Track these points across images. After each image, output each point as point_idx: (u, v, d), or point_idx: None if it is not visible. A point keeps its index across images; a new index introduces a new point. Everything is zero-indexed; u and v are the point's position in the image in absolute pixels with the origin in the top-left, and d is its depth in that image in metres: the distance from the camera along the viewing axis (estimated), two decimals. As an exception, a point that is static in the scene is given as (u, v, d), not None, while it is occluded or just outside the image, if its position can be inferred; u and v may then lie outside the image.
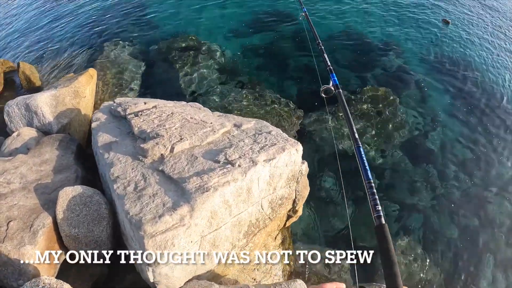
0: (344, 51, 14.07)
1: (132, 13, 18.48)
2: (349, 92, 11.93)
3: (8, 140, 8.09)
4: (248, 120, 6.36)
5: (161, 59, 13.79)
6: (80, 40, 16.91)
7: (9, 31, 22.92)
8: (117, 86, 12.27)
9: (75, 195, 5.26)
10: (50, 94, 8.93)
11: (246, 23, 15.82)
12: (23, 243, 4.88)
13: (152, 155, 5.19)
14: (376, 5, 17.79)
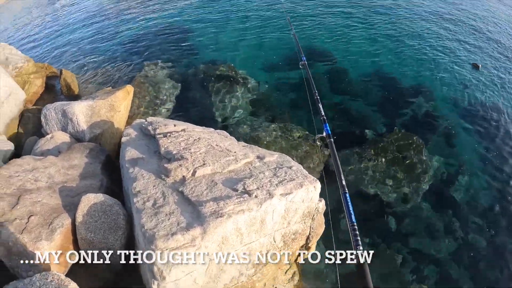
0: (374, 92, 14.44)
1: (174, 37, 19.80)
2: (376, 134, 12.18)
3: (41, 140, 8.83)
4: (271, 153, 6.77)
5: (196, 84, 14.58)
6: (121, 56, 18.12)
7: (56, 39, 24.74)
8: (151, 104, 13.03)
9: (97, 202, 5.75)
10: (87, 104, 9.66)
11: (282, 58, 16.51)
12: (40, 238, 5.36)
13: (174, 176, 5.64)
14: (408, 47, 18.21)
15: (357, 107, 13.45)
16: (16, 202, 6.00)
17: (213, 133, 7.68)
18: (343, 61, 16.29)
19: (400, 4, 24.66)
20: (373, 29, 19.92)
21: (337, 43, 18.03)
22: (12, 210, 5.82)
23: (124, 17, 25.79)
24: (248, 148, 7.09)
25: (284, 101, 13.58)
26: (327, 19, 20.85)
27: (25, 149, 9.80)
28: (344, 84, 14.65)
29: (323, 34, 19.12)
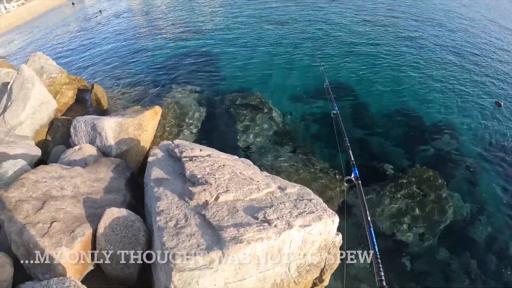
0: (396, 128, 14.63)
1: (203, 63, 20.80)
2: (396, 170, 12.25)
3: (69, 150, 9.30)
4: (293, 185, 7.01)
5: (222, 110, 15.11)
6: (151, 77, 19.01)
7: (90, 53, 26.08)
8: (177, 127, 13.54)
9: (120, 216, 6.05)
10: (116, 120, 10.16)
11: (308, 91, 16.99)
12: (60, 244, 5.64)
13: (197, 199, 5.92)
14: (431, 83, 18.54)
15: (379, 142, 13.67)
16: (41, 206, 6.33)
17: (238, 161, 7.98)
18: (367, 97, 16.72)
19: (424, 40, 25.59)
20: (398, 65, 20.48)
21: (361, 78, 18.59)
22: (36, 213, 6.15)
23: (157, 40, 27.27)
24: (270, 178, 7.36)
25: (308, 134, 13.91)
26: (352, 56, 21.61)
27: (51, 156, 10.32)
28: (367, 118, 14.99)
29: (348, 70, 19.75)
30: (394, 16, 32.71)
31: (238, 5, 37.25)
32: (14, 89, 13.17)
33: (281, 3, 35.95)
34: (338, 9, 32.51)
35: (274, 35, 25.23)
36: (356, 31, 26.47)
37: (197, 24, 30.92)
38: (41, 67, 17.13)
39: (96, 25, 38.62)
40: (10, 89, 13.38)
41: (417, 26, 29.12)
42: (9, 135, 10.80)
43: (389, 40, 24.37)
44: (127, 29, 33.42)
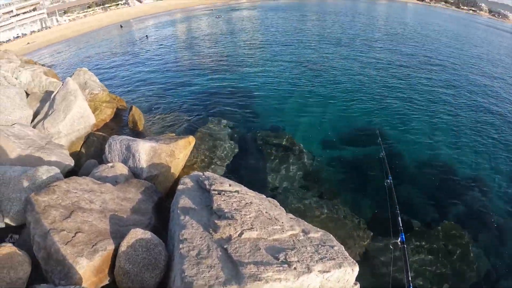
0: (426, 180, 14.49)
1: (240, 99, 21.49)
2: (424, 225, 12.04)
3: (102, 166, 9.78)
4: (316, 230, 7.15)
5: (254, 147, 15.47)
6: (188, 107, 19.78)
7: (132, 75, 27.53)
8: (208, 159, 13.95)
9: (143, 238, 6.32)
10: (151, 145, 10.64)
11: (341, 135, 17.26)
12: (82, 254, 5.94)
13: (222, 233, 6.14)
14: (467, 136, 18.57)
15: (407, 194, 13.54)
16: (68, 215, 6.72)
17: (265, 200, 8.19)
18: (398, 145, 16.83)
19: (460, 92, 25.99)
20: (433, 115, 20.71)
21: (393, 125, 18.84)
22: (62, 221, 6.53)
23: (197, 71, 28.70)
24: (295, 220, 7.52)
25: (336, 181, 13.97)
26: (385, 101, 22.11)
27: (83, 168, 10.85)
28: (396, 168, 14.77)
29: (381, 116, 20.05)
30: (433, 64, 33.88)
31: (280, 46, 39.07)
32: (57, 99, 14.01)
33: (325, 49, 37.49)
34: (379, 60, 33.36)
35: (312, 79, 26.13)
36: (388, 79, 27.44)
37: (238, 59, 32.49)
38: (85, 82, 18.17)
39: (141, 50, 40.76)
40: (53, 99, 14.24)
41: (457, 79, 29.93)
42: (46, 141, 11.46)
43: (424, 92, 25.01)
44: (170, 57, 35.25)
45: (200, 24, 67.53)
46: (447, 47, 47.48)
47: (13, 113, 12.66)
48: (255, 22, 66.54)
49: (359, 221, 11.67)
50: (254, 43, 41.30)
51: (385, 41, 46.02)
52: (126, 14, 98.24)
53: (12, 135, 10.85)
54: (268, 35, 47.91)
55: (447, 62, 36.25)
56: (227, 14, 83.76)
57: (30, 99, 16.24)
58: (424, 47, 44.11)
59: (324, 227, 9.63)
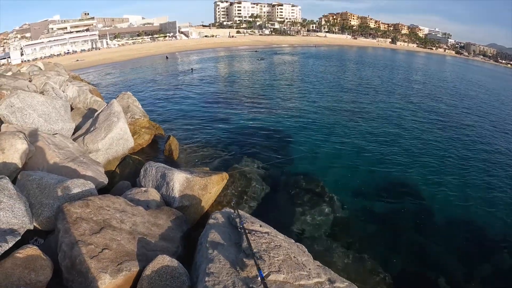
0: (457, 239, 14.10)
1: (276, 139, 22.06)
2: (451, 285, 11.57)
3: (135, 189, 10.13)
4: (342, 280, 7.13)
5: (285, 191, 15.52)
6: (225, 143, 20.42)
7: (173, 107, 28.71)
8: (239, 197, 14.10)
9: (170, 265, 6.46)
10: (185, 176, 10.95)
11: (373, 186, 17.19)
12: (105, 271, 6.11)
13: (249, 272, 6.22)
14: (501, 194, 18.11)
15: (436, 252, 13.16)
16: (98, 231, 6.97)
17: (293, 245, 8.22)
18: (431, 201, 16.56)
19: (497, 150, 25.82)
20: (467, 172, 20.43)
21: (428, 180, 18.57)
22: (91, 235, 6.78)
23: (236, 108, 29.82)
24: (322, 268, 7.51)
25: (364, 232, 13.74)
26: (420, 156, 22.02)
27: (115, 188, 11.26)
28: (428, 225, 14.69)
29: (416, 168, 20.01)
30: (470, 120, 33.92)
31: (318, 92, 40.33)
32: (100, 118, 14.74)
33: (362, 99, 38.46)
34: (416, 114, 33.45)
35: (348, 128, 26.49)
36: (424, 133, 27.60)
37: (276, 102, 33.45)
38: (128, 106, 19.03)
39: (184, 82, 42.36)
40: (97, 117, 15.00)
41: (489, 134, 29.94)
42: (84, 156, 12.00)
43: (460, 148, 25.00)
44: (210, 93, 36.64)
45: (242, 64, 69.83)
46: (485, 103, 47.63)
47: (57, 123, 13.41)
48: (296, 67, 68.51)
49: (385, 276, 11.39)
50: (293, 87, 42.60)
51: (423, 95, 46.63)
52: (172, 47, 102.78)
53: (52, 144, 11.46)
54: (307, 81, 49.54)
55: (485, 119, 36.32)
56: (269, 57, 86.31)
57: (74, 113, 17.16)
58: (462, 103, 44.48)
59: (349, 278, 9.59)
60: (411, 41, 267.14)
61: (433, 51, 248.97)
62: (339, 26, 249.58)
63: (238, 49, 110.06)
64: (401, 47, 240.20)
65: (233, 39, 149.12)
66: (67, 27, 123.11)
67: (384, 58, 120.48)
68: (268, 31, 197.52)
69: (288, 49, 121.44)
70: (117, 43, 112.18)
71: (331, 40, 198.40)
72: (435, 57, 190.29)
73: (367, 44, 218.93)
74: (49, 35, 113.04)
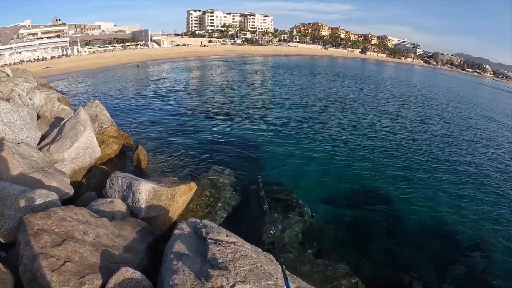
0: (428, 243, 14.32)
1: (245, 149, 21.93)
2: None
3: (100, 200, 9.85)
4: None
5: (255, 200, 15.28)
6: (194, 152, 20.15)
7: (143, 116, 28.30)
8: (208, 207, 13.88)
9: (133, 278, 6.26)
10: (152, 186, 10.72)
11: (343, 193, 17.37)
12: (67, 285, 5.87)
13: (213, 283, 6.10)
14: (469, 197, 18.91)
15: (408, 256, 13.38)
16: (60, 243, 6.71)
17: (260, 254, 8.13)
18: (401, 206, 16.93)
19: (461, 150, 27.60)
20: (436, 177, 21.11)
21: (396, 186, 19.03)
22: (53, 248, 6.51)
23: (206, 118, 29.69)
24: (290, 277, 7.46)
25: (335, 239, 13.81)
26: (389, 162, 22.64)
27: (81, 199, 10.89)
28: (398, 230, 14.93)
29: (384, 174, 20.49)
30: (438, 126, 35.54)
31: (288, 101, 40.84)
32: (66, 127, 14.34)
33: (331, 108, 39.36)
34: (385, 121, 34.70)
35: (317, 136, 26.94)
36: (393, 140, 28.55)
37: (246, 111, 33.59)
38: (96, 115, 18.59)
39: (154, 91, 41.93)
40: (63, 126, 14.58)
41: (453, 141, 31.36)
42: (49, 166, 11.60)
43: (428, 153, 26.05)
44: (181, 102, 36.47)
45: (214, 73, 69.94)
46: (453, 110, 49.94)
47: (22, 132, 12.90)
48: (266, 76, 69.04)
49: (357, 282, 11.40)
50: (263, 97, 42.98)
51: (392, 103, 48.39)
52: (144, 55, 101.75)
53: (17, 153, 11.02)
54: (277, 90, 50.30)
55: (453, 125, 38.00)
56: (240, 67, 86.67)
57: (40, 122, 16.61)
58: (430, 111, 46.65)
59: (319, 286, 9.57)
60: (381, 51, 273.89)
61: (402, 61, 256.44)
62: (311, 36, 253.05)
63: (210, 58, 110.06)
64: (371, 57, 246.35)
65: (205, 48, 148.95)
66: (38, 32, 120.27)
67: (354, 68, 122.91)
68: (240, 41, 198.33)
69: (260, 59, 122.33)
70: (88, 51, 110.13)
71: (302, 50, 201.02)
72: (404, 66, 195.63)
73: (338, 54, 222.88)
74: (19, 40, 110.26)
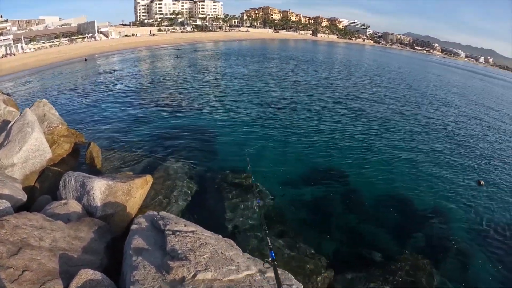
0: (386, 214, 14.96)
1: (201, 137, 21.83)
2: (385, 258, 12.24)
3: (54, 203, 9.49)
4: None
5: (213, 187, 15.36)
6: (148, 145, 19.70)
7: (94, 112, 27.31)
8: (166, 198, 13.70)
9: (93, 279, 6.12)
10: (106, 183, 10.45)
11: (300, 173, 17.67)
12: (28, 296, 5.65)
13: (175, 274, 6.08)
14: (421, 168, 20.06)
15: (368, 229, 13.88)
16: (16, 252, 6.45)
17: (220, 240, 8.16)
18: (357, 182, 17.50)
19: (413, 127, 28.92)
20: (389, 152, 22.12)
21: (352, 163, 19.72)
22: (9, 258, 6.25)
23: (160, 109, 28.93)
24: (252, 260, 7.54)
25: (295, 219, 14.01)
26: (343, 140, 23.41)
27: (36, 204, 10.44)
28: (357, 205, 15.41)
29: (340, 152, 21.13)
30: (387, 103, 37.29)
31: (240, 87, 40.68)
32: (14, 130, 13.60)
33: (284, 91, 39.59)
34: (337, 100, 35.69)
35: (271, 120, 27.08)
36: (345, 118, 29.50)
37: (198, 99, 33.13)
38: (44, 114, 17.71)
39: (104, 85, 40.46)
40: (10, 129, 13.81)
41: (404, 112, 33.83)
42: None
43: (380, 130, 27.02)
44: (132, 94, 35.32)
45: (164, 63, 68.16)
46: (403, 86, 52.66)
47: (-34, 140, 12.19)
48: (218, 63, 68.01)
49: (320, 259, 11.72)
50: (215, 85, 42.29)
51: (345, 83, 49.31)
52: (91, 48, 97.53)
53: (-38, 164, 10.45)
54: (229, 76, 49.68)
55: (404, 101, 39.95)
56: (191, 55, 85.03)
57: (-15, 127, 15.70)
58: (381, 88, 48.37)
59: (284, 266, 9.72)
60: (331, 33, 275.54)
61: (353, 41, 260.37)
62: (261, 21, 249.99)
63: (159, 47, 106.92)
64: (322, 38, 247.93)
65: (154, 38, 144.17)
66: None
67: (306, 50, 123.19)
68: (190, 28, 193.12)
69: (211, 46, 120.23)
70: (33, 47, 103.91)
71: (253, 35, 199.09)
72: (355, 46, 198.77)
73: (289, 37, 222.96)
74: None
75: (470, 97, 54.98)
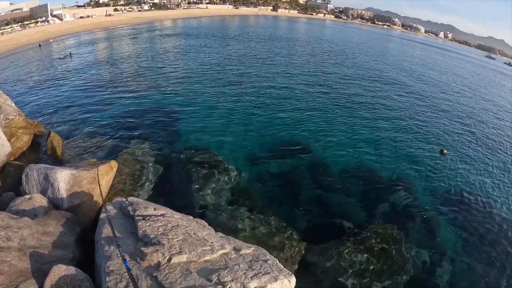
0: (354, 185, 15.39)
1: (163, 118, 21.17)
2: (355, 227, 12.62)
3: (19, 199, 8.97)
4: (248, 246, 7.12)
5: (179, 168, 15.08)
6: (111, 130, 18.91)
7: (50, 99, 25.70)
8: (133, 183, 13.31)
9: (67, 275, 5.87)
10: (70, 172, 9.98)
11: (266, 149, 17.70)
12: (1, 300, 5.37)
13: (149, 260, 5.92)
14: (385, 139, 20.81)
15: (337, 200, 14.23)
16: (-16, 256, 6.07)
17: (192, 221, 8.03)
18: (324, 155, 17.78)
19: (375, 98, 29.67)
20: (352, 123, 22.71)
21: (317, 137, 19.93)
22: (-23, 264, 5.88)
23: (120, 92, 27.50)
24: (225, 239, 7.45)
25: (264, 194, 14.10)
26: (307, 115, 23.53)
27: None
28: (324, 177, 15.66)
29: (305, 127, 21.30)
30: (351, 78, 37.15)
31: (200, 65, 39.43)
32: (-33, 128, 12.72)
33: (246, 67, 38.98)
34: (298, 75, 35.57)
35: (234, 97, 26.65)
36: (308, 94, 29.40)
37: (159, 80, 31.90)
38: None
39: (60, 71, 38.34)
40: (-37, 127, 12.91)
41: (363, 81, 34.87)
42: (-45, 175, 10.34)
43: (343, 103, 27.28)
44: (91, 78, 33.47)
45: (121, 44, 65.26)
46: (366, 61, 52.47)
47: None
48: (177, 41, 65.82)
49: (291, 232, 11.87)
50: (175, 63, 40.94)
51: (307, 59, 48.97)
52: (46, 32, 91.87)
53: None
54: (189, 54, 47.93)
55: (366, 74, 40.50)
56: (149, 34, 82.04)
57: None
58: (344, 62, 49.02)
59: (258, 242, 9.74)
60: (292, 8, 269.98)
61: (314, 17, 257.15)
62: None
63: (116, 28, 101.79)
64: (282, 14, 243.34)
65: (110, 18, 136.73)
66: None
67: (267, 26, 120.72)
68: (148, 7, 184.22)
69: (169, 24, 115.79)
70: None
71: (212, 11, 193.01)
72: (316, 22, 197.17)
73: (249, 12, 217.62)
74: None
75: (431, 68, 56.48)
